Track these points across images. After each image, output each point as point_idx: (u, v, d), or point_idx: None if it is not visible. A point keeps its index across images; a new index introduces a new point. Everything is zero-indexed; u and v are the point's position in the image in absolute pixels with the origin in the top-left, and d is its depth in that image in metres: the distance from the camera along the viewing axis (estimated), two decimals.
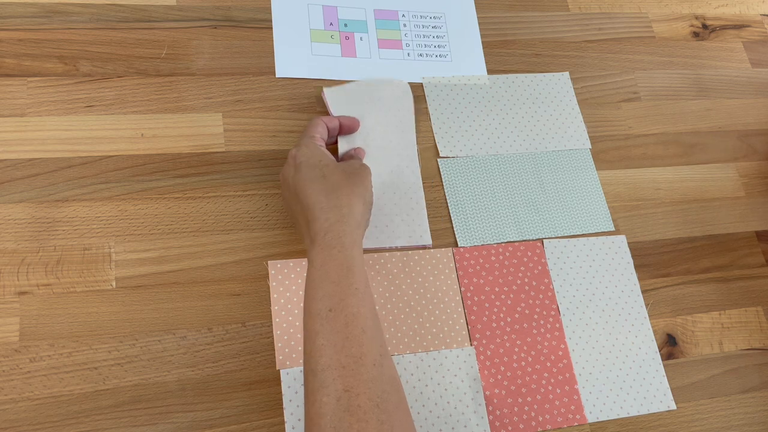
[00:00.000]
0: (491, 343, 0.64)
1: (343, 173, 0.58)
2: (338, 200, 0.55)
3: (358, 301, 0.51)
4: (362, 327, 0.50)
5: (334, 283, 0.51)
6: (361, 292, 0.52)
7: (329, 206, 0.55)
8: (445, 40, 0.79)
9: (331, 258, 0.52)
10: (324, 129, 0.63)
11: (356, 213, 0.56)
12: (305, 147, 0.60)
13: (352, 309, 0.50)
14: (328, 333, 0.49)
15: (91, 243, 0.60)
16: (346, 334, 0.49)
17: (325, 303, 0.51)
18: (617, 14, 0.87)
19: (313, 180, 0.57)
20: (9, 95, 0.64)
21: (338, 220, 0.54)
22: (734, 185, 0.79)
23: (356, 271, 0.52)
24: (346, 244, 0.53)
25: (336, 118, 0.65)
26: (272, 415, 0.58)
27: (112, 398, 0.56)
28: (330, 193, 0.56)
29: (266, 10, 0.75)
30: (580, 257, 0.70)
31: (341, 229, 0.54)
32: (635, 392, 0.65)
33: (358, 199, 0.56)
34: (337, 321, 0.50)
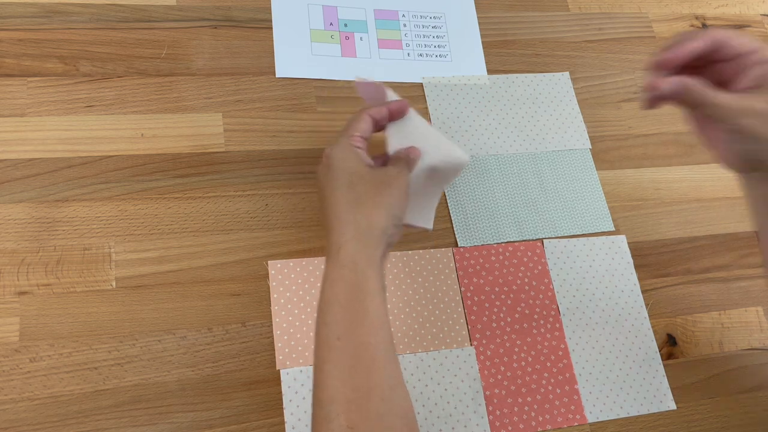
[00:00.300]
0: (491, 343, 0.64)
1: (371, 183, 0.52)
2: (359, 214, 0.50)
3: (368, 329, 0.47)
4: (372, 357, 0.47)
5: (343, 307, 0.48)
6: (372, 317, 0.48)
7: (348, 219, 0.50)
8: (445, 40, 0.79)
9: (341, 278, 0.49)
10: (368, 125, 0.56)
11: (377, 229, 0.51)
12: (339, 148, 0.54)
13: (362, 338, 0.47)
14: (336, 362, 0.46)
15: (91, 243, 0.60)
16: (354, 365, 0.46)
17: (334, 330, 0.47)
18: (617, 14, 0.87)
19: (339, 187, 0.52)
20: (9, 95, 0.64)
21: (354, 237, 0.50)
22: (734, 185, 0.79)
23: (369, 294, 0.48)
24: (360, 263, 0.49)
25: (385, 107, 0.57)
26: (272, 415, 0.58)
27: (112, 398, 0.56)
28: (352, 205, 0.51)
29: (266, 10, 0.75)
30: (580, 257, 0.70)
31: (355, 247, 0.49)
32: (635, 392, 0.65)
33: (382, 213, 0.51)
34: (345, 351, 0.46)
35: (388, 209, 0.52)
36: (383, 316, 0.49)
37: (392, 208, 0.52)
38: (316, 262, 0.64)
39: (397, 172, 0.54)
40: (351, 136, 0.55)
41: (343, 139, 0.55)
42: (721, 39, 0.48)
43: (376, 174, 0.53)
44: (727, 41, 0.48)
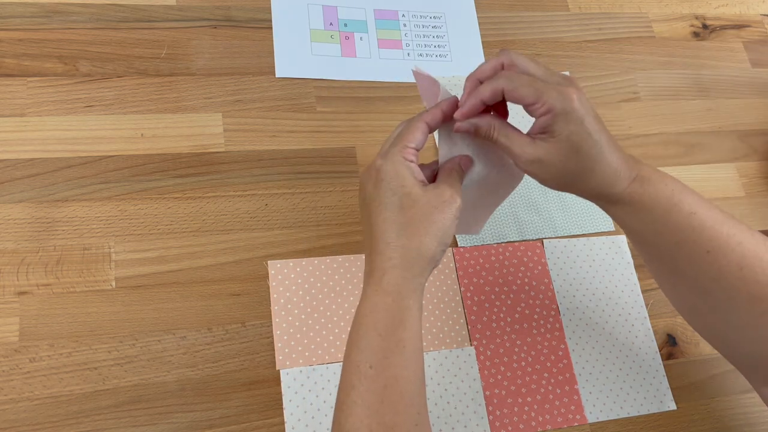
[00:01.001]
0: (491, 343, 0.64)
1: (425, 207, 0.49)
2: (408, 239, 0.48)
3: (403, 361, 0.46)
4: (401, 392, 0.45)
5: (381, 336, 0.47)
6: (408, 350, 0.47)
7: (396, 244, 0.48)
8: (445, 40, 0.79)
9: (383, 306, 0.47)
10: (423, 135, 0.52)
11: (425, 257, 0.49)
12: (391, 162, 0.50)
13: (395, 370, 0.46)
14: (364, 391, 0.45)
15: (91, 243, 0.60)
16: (383, 398, 0.45)
17: (367, 357, 0.46)
18: (617, 14, 0.87)
19: (388, 207, 0.49)
20: (9, 95, 0.64)
21: (401, 264, 0.48)
22: (734, 185, 0.79)
23: (408, 326, 0.47)
24: (404, 293, 0.48)
25: (439, 110, 0.52)
26: (272, 415, 0.58)
27: (112, 398, 0.56)
28: (402, 229, 0.49)
29: (266, 10, 0.75)
30: (580, 257, 0.70)
31: (402, 275, 0.48)
32: (635, 392, 0.65)
33: (433, 240, 0.49)
34: (377, 381, 0.45)
35: (440, 235, 0.49)
36: (419, 350, 0.48)
37: (444, 235, 0.49)
38: (316, 262, 0.64)
39: (451, 194, 0.50)
40: (405, 148, 0.51)
41: (396, 151, 0.50)
42: (504, 91, 0.50)
43: (430, 196, 0.49)
44: (509, 93, 0.50)
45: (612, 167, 0.50)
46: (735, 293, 0.49)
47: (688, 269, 0.51)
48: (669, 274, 0.54)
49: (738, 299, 0.49)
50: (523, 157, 0.50)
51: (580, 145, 0.49)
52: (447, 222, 0.49)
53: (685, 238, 0.50)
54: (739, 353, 0.53)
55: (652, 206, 0.51)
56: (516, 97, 0.49)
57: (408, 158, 0.51)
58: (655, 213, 0.51)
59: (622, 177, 0.51)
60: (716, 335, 0.54)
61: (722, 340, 0.54)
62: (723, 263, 0.49)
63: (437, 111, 0.52)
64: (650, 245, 0.53)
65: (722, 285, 0.50)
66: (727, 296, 0.50)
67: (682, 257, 0.51)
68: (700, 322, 0.54)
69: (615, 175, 0.51)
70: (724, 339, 0.53)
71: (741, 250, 0.49)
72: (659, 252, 0.53)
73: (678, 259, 0.52)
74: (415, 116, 0.53)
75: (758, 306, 0.49)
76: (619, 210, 0.52)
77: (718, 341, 0.55)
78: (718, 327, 0.52)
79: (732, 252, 0.49)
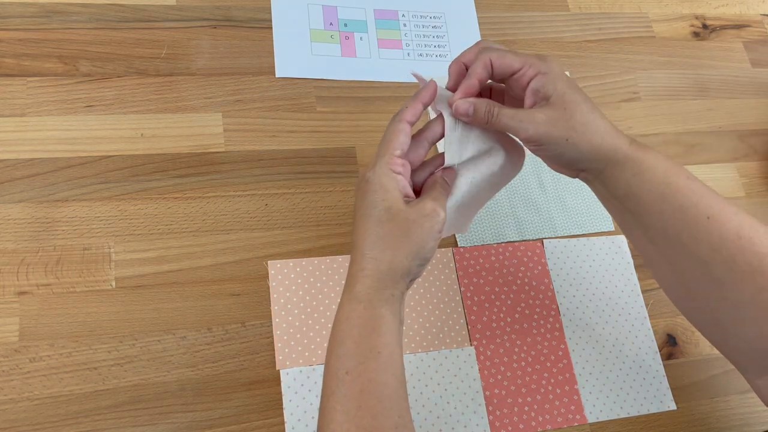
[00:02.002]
0: (491, 343, 0.64)
1: (403, 223, 0.49)
2: (381, 252, 0.49)
3: (378, 366, 0.47)
4: (378, 396, 0.46)
5: (355, 342, 0.47)
6: (383, 356, 0.47)
7: (370, 255, 0.49)
8: (445, 40, 0.79)
9: (356, 314, 0.48)
10: (406, 136, 0.52)
11: (398, 271, 0.49)
12: (377, 174, 0.50)
13: (371, 374, 0.46)
14: (342, 397, 0.46)
15: (91, 243, 0.60)
16: (360, 403, 0.46)
17: (343, 363, 0.47)
18: (617, 14, 0.87)
19: (369, 219, 0.50)
20: (9, 95, 0.64)
21: (373, 275, 0.49)
22: (734, 185, 0.79)
23: (382, 332, 0.48)
24: (376, 301, 0.48)
25: (418, 102, 0.52)
26: (272, 415, 0.58)
27: (111, 398, 0.56)
28: (377, 241, 0.49)
29: (266, 10, 0.75)
30: (580, 257, 0.70)
31: (373, 285, 0.49)
32: (635, 392, 0.65)
33: (406, 255, 0.49)
34: (353, 386, 0.46)
35: (415, 250, 0.49)
36: (395, 355, 0.48)
37: (420, 251, 0.49)
38: (316, 262, 0.64)
39: (432, 207, 0.50)
40: (392, 157, 0.51)
41: (382, 163, 0.51)
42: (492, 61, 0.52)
43: (410, 212, 0.49)
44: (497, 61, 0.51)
45: (610, 124, 0.52)
46: (734, 264, 0.49)
47: (689, 238, 0.51)
48: (668, 249, 0.53)
49: (737, 271, 0.49)
50: (529, 130, 0.50)
51: (575, 98, 0.50)
52: (425, 237, 0.49)
53: (687, 202, 0.51)
54: (738, 339, 0.52)
55: (655, 166, 0.52)
56: (504, 63, 0.51)
57: (395, 170, 0.51)
58: (658, 173, 0.51)
59: (622, 136, 0.52)
60: (714, 320, 0.53)
61: (720, 325, 0.53)
62: (723, 230, 0.49)
63: (417, 104, 0.53)
64: (652, 213, 0.52)
65: (722, 255, 0.49)
66: (726, 267, 0.49)
67: (684, 223, 0.51)
68: (698, 305, 0.54)
69: (616, 132, 0.52)
70: (722, 323, 0.52)
71: (739, 219, 0.50)
72: (661, 219, 0.52)
73: (679, 227, 0.51)
74: (396, 116, 0.52)
75: (758, 279, 0.48)
76: (627, 171, 0.52)
77: (716, 328, 0.54)
78: (717, 308, 0.52)
79: (730, 220, 0.50)
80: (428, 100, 0.53)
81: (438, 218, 0.50)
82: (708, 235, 0.50)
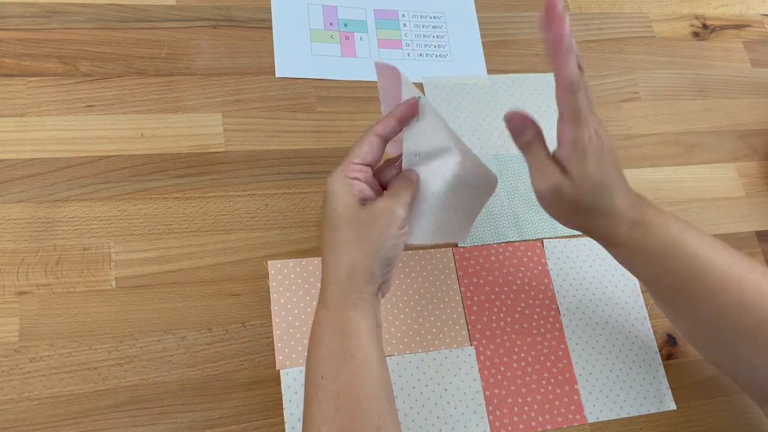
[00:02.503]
0: (491, 343, 0.64)
1: (355, 225, 0.50)
2: (338, 259, 0.50)
3: (352, 369, 0.47)
4: (356, 398, 0.46)
5: (327, 348, 0.48)
6: (357, 358, 0.47)
7: (329, 264, 0.50)
8: (445, 40, 0.79)
9: (326, 320, 0.49)
10: (372, 147, 0.52)
11: (358, 274, 0.49)
12: (333, 181, 0.51)
13: (345, 378, 0.47)
14: (320, 402, 0.47)
15: (91, 243, 0.60)
16: (338, 406, 0.46)
17: (318, 369, 0.48)
18: (617, 14, 0.87)
19: (328, 227, 0.51)
20: (9, 95, 0.64)
21: (334, 281, 0.50)
22: (734, 185, 0.79)
23: (352, 336, 0.48)
24: (341, 306, 0.49)
25: (392, 118, 0.52)
26: (272, 415, 0.58)
27: (111, 398, 0.56)
28: (333, 250, 0.50)
29: (266, 10, 0.75)
30: (580, 257, 0.70)
31: (337, 291, 0.49)
32: (635, 392, 0.65)
33: (365, 257, 0.49)
34: (329, 390, 0.47)
35: (373, 253, 0.49)
36: (371, 357, 0.48)
37: (378, 251, 0.49)
38: (316, 262, 0.64)
39: (387, 206, 0.50)
40: (349, 164, 0.52)
41: (339, 170, 0.52)
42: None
43: (362, 214, 0.50)
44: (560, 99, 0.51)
45: (617, 211, 0.52)
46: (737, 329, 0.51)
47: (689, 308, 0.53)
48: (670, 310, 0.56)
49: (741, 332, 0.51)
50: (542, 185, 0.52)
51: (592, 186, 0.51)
52: (380, 237, 0.49)
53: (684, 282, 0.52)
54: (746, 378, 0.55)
55: (651, 251, 0.53)
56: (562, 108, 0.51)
57: (351, 175, 0.51)
58: (653, 258, 0.53)
59: (625, 220, 0.52)
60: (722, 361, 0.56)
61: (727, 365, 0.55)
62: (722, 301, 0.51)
63: (390, 120, 0.52)
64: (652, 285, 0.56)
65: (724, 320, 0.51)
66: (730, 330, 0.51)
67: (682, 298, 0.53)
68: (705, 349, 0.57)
69: (618, 219, 0.52)
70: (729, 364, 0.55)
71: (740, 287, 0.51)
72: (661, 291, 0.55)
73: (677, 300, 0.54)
74: (368, 130, 0.53)
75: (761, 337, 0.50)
76: (619, 252, 0.54)
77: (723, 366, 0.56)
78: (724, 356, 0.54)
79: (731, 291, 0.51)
80: (405, 117, 0.53)
81: (393, 216, 0.50)
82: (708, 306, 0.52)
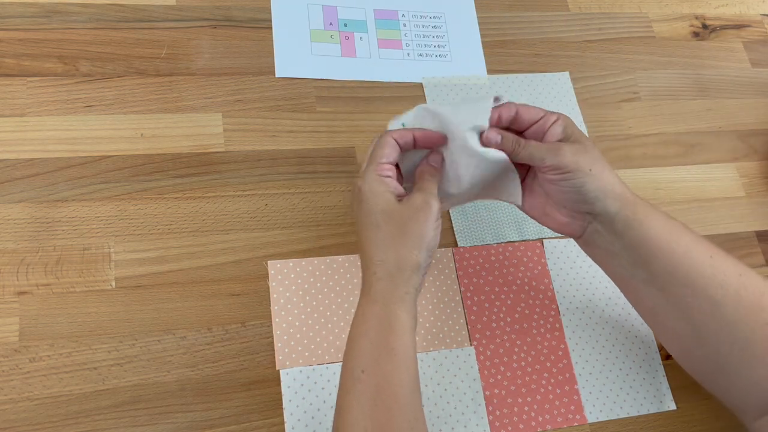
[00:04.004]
0: (491, 343, 0.64)
1: (398, 221, 0.52)
2: (387, 254, 0.52)
3: (394, 365, 0.49)
4: (395, 394, 0.48)
5: (371, 342, 0.50)
6: (399, 354, 0.49)
7: (378, 260, 0.52)
8: (445, 40, 0.79)
9: (372, 314, 0.51)
10: (393, 150, 0.55)
11: (407, 268, 0.52)
12: (368, 181, 0.54)
13: (387, 373, 0.48)
14: (358, 394, 0.48)
15: (91, 243, 0.60)
16: (376, 400, 0.47)
17: (359, 362, 0.49)
18: (617, 14, 0.87)
19: (368, 227, 0.53)
20: (9, 95, 0.64)
21: (384, 277, 0.51)
22: (734, 185, 0.79)
23: (397, 331, 0.50)
24: (390, 301, 0.51)
25: (410, 131, 0.56)
26: (272, 415, 0.58)
27: (111, 398, 0.56)
28: (381, 246, 0.52)
29: (266, 10, 0.75)
30: (580, 257, 0.70)
31: (386, 286, 0.51)
32: (635, 392, 0.65)
33: (411, 250, 0.52)
34: (369, 384, 0.48)
35: (418, 243, 0.52)
36: (410, 354, 0.50)
37: (422, 241, 0.52)
38: (316, 262, 0.64)
39: (423, 200, 0.53)
40: (378, 165, 0.54)
41: (371, 170, 0.54)
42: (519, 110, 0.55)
43: (404, 210, 0.53)
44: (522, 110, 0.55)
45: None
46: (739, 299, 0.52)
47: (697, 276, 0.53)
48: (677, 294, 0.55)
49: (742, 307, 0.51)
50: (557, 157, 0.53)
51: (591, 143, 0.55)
52: (423, 229, 0.52)
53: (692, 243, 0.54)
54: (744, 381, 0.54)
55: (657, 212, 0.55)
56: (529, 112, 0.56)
57: (383, 174, 0.54)
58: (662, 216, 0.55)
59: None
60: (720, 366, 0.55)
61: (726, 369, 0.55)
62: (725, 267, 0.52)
63: (408, 133, 0.56)
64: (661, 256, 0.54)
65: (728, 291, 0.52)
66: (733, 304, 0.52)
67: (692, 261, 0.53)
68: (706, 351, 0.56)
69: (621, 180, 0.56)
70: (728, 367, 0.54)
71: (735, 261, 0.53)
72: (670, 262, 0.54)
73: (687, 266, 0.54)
74: (384, 133, 0.56)
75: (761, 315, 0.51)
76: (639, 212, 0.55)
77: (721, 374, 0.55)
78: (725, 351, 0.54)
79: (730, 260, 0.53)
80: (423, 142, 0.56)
81: (430, 209, 0.53)
82: (714, 272, 0.52)
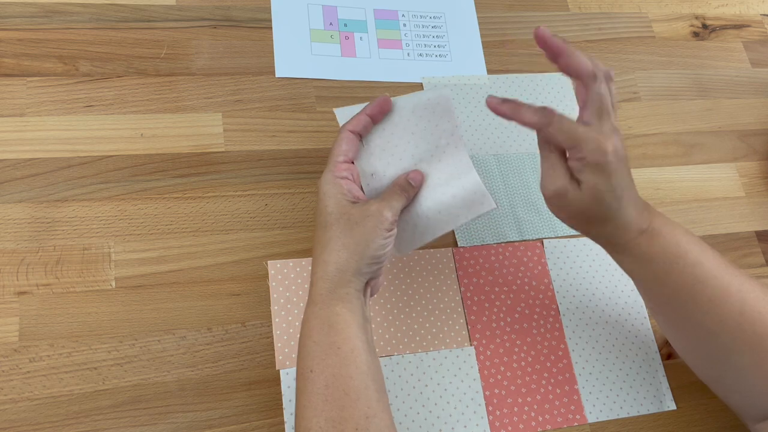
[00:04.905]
0: (491, 343, 0.64)
1: (345, 224, 0.52)
2: (330, 256, 0.51)
3: (339, 361, 0.49)
4: (344, 388, 0.48)
5: (314, 342, 0.50)
6: (344, 350, 0.49)
7: (318, 260, 0.52)
8: (445, 40, 0.79)
9: (313, 315, 0.51)
10: (350, 144, 0.55)
11: (346, 271, 0.51)
12: (324, 181, 0.54)
13: (332, 370, 0.49)
14: (309, 394, 0.48)
15: (91, 243, 0.60)
16: (326, 397, 0.48)
17: (307, 362, 0.50)
18: (617, 14, 0.87)
19: (318, 227, 0.54)
20: (8, 95, 0.64)
21: (322, 277, 0.52)
22: (734, 185, 0.79)
23: (339, 329, 0.50)
24: (329, 301, 0.51)
25: (362, 115, 0.56)
26: (272, 415, 0.58)
27: (111, 398, 0.56)
28: (323, 246, 0.52)
29: (266, 10, 0.75)
30: (580, 257, 0.70)
31: (325, 286, 0.51)
32: (635, 392, 0.65)
33: (352, 254, 0.51)
34: (317, 382, 0.48)
35: (361, 250, 0.51)
36: (359, 350, 0.50)
37: (366, 250, 0.51)
38: None
39: (376, 208, 0.52)
40: (335, 164, 0.54)
41: (327, 170, 0.54)
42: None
43: (354, 213, 0.52)
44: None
45: (624, 220, 0.53)
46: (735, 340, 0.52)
47: (690, 316, 0.54)
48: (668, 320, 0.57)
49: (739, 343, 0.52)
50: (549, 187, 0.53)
51: (601, 198, 0.52)
52: (369, 236, 0.51)
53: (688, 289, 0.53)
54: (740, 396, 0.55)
55: (655, 259, 0.54)
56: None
57: (340, 175, 0.54)
58: (657, 265, 0.54)
59: (632, 229, 0.54)
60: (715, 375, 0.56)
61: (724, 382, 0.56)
62: (722, 311, 0.52)
63: (361, 116, 0.56)
64: (654, 293, 0.56)
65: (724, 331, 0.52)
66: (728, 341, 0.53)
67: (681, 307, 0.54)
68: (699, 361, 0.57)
69: (625, 227, 0.54)
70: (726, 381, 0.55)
71: (741, 297, 0.52)
72: (662, 299, 0.56)
73: (676, 309, 0.55)
74: (341, 128, 0.56)
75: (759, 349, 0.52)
76: (624, 259, 0.56)
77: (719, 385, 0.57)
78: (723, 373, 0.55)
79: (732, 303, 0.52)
80: (376, 113, 0.56)
81: (381, 218, 0.52)
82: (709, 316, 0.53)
